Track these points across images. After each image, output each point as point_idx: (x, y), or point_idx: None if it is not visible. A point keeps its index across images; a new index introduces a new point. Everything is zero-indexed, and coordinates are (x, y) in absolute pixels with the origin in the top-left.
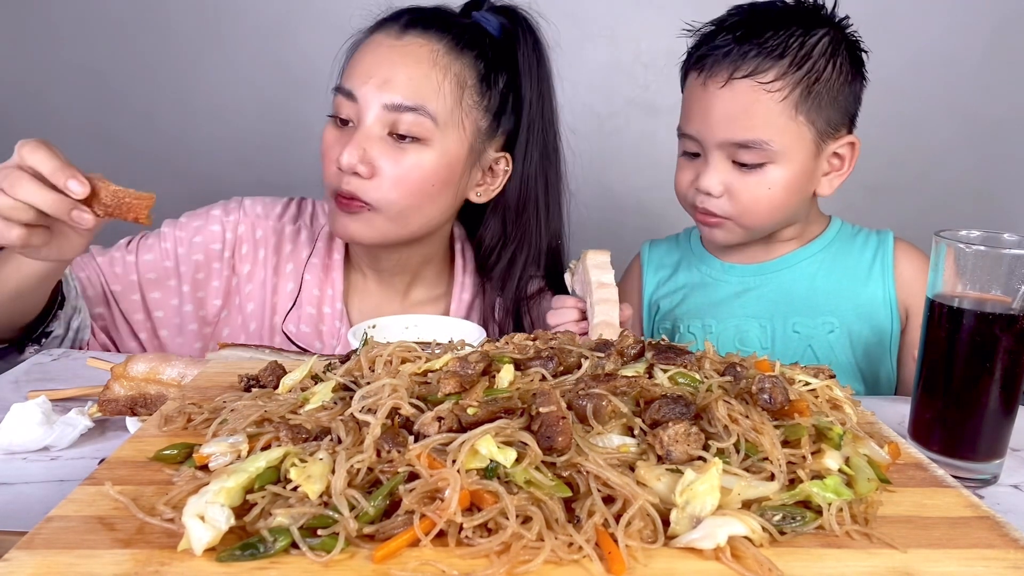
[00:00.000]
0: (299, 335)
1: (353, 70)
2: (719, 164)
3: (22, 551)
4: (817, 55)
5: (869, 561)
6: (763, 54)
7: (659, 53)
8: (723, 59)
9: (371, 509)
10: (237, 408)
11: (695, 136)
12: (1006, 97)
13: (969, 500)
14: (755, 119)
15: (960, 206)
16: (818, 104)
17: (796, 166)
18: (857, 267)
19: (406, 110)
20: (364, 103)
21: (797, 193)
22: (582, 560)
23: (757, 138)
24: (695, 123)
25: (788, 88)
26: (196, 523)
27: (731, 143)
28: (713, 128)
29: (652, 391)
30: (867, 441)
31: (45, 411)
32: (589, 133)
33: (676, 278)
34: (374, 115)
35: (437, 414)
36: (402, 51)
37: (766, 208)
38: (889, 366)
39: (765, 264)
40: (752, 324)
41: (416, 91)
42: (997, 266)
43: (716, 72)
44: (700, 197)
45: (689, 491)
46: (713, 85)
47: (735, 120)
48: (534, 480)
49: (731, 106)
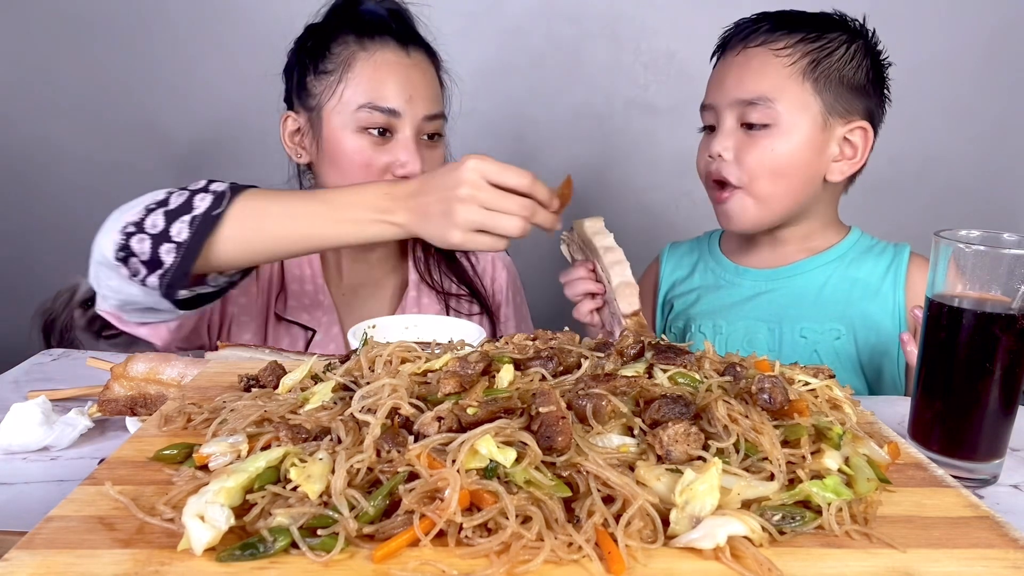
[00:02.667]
0: (288, 310)
1: (385, 88)
2: (728, 126)
3: (22, 551)
4: (833, 41)
5: (869, 561)
6: (778, 29)
7: (659, 53)
8: (741, 35)
9: (371, 509)
10: (237, 408)
11: (710, 104)
12: (1006, 97)
13: (969, 500)
14: (763, 79)
15: (960, 206)
16: (826, 76)
17: (801, 134)
18: (869, 278)
19: (435, 117)
20: (407, 117)
21: (804, 167)
22: (582, 560)
23: (763, 94)
24: (711, 93)
25: (797, 55)
26: (196, 523)
27: (739, 101)
28: (725, 90)
29: (652, 391)
30: (867, 441)
31: (45, 411)
32: (589, 133)
33: (692, 279)
34: (413, 124)
35: (437, 414)
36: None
37: (771, 174)
38: (895, 374)
39: (779, 269)
40: (761, 327)
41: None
42: (997, 266)
43: (733, 45)
44: (713, 164)
45: (689, 491)
46: (730, 55)
47: (744, 79)
48: (534, 480)
49: (742, 69)
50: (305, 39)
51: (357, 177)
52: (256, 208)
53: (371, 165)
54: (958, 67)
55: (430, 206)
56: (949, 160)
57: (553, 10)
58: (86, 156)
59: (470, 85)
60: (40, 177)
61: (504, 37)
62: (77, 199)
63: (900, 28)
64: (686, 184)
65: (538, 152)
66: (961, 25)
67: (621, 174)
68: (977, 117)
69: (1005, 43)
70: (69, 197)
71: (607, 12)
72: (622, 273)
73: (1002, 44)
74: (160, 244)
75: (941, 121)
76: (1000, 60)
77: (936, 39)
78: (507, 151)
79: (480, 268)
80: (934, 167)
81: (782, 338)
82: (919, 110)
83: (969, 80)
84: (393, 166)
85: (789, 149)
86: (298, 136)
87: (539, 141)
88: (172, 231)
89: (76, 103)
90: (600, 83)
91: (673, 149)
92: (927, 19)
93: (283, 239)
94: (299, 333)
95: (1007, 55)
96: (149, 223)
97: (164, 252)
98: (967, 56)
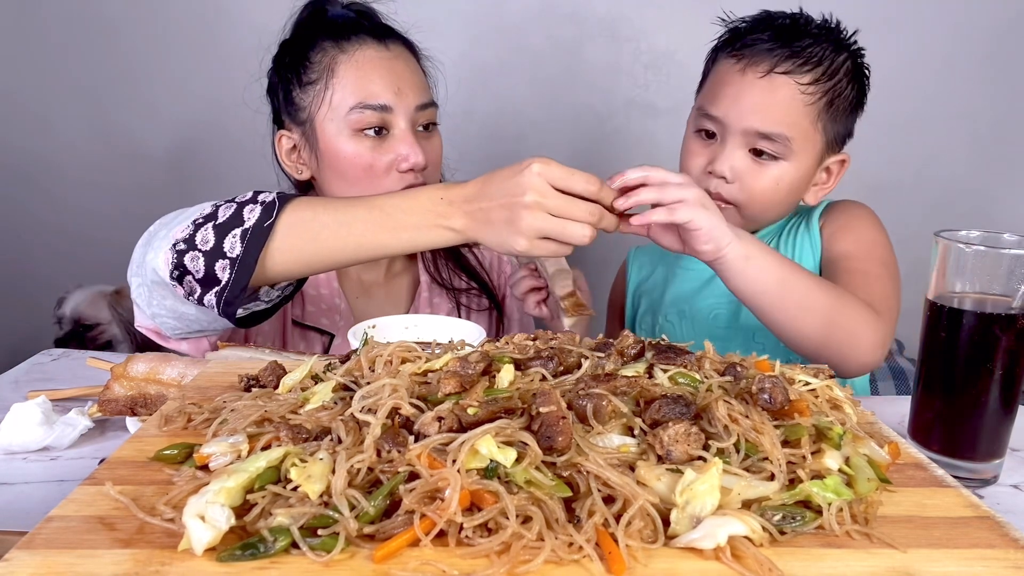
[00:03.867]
0: (305, 315)
1: (372, 85)
2: (737, 150)
3: (22, 551)
4: (842, 73)
5: (869, 561)
6: (803, 58)
7: (659, 53)
8: (767, 52)
9: (371, 509)
10: (237, 408)
11: (720, 118)
12: (1006, 97)
13: (969, 500)
14: (785, 115)
15: (960, 206)
16: (833, 118)
17: (802, 169)
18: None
19: (427, 106)
20: (399, 110)
21: (795, 195)
22: (582, 560)
23: (782, 132)
24: (723, 105)
25: (818, 95)
26: (196, 523)
27: (756, 131)
28: (742, 114)
29: (652, 391)
30: (867, 441)
31: (45, 411)
32: (589, 133)
33: (655, 275)
34: (407, 116)
35: (437, 414)
36: (396, 60)
37: (769, 202)
38: None
39: None
40: (722, 304)
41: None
42: (997, 266)
43: (758, 62)
44: (714, 182)
45: (689, 491)
46: (752, 73)
47: (766, 111)
48: (534, 480)
49: (766, 97)
50: (282, 56)
51: (361, 182)
52: (307, 218)
53: (373, 167)
54: (958, 67)
55: (492, 212)
56: (949, 160)
57: (553, 10)
58: (86, 154)
59: (470, 85)
60: (41, 177)
61: (504, 37)
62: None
63: (900, 28)
64: None
65: (538, 152)
66: (961, 25)
67: None
68: (977, 117)
69: (1005, 43)
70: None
71: (607, 12)
72: (555, 263)
73: (1002, 44)
74: (215, 261)
75: (941, 121)
76: (1000, 60)
77: (936, 39)
78: (507, 151)
79: (487, 262)
80: (934, 167)
81: (739, 309)
82: (919, 110)
83: (969, 80)
84: (396, 163)
85: (790, 180)
86: (295, 153)
87: (539, 141)
88: (225, 246)
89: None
90: (600, 83)
91: (673, 149)
92: (927, 19)
93: (338, 249)
94: (316, 339)
95: (1007, 55)
96: (200, 239)
97: (219, 269)
98: (967, 56)
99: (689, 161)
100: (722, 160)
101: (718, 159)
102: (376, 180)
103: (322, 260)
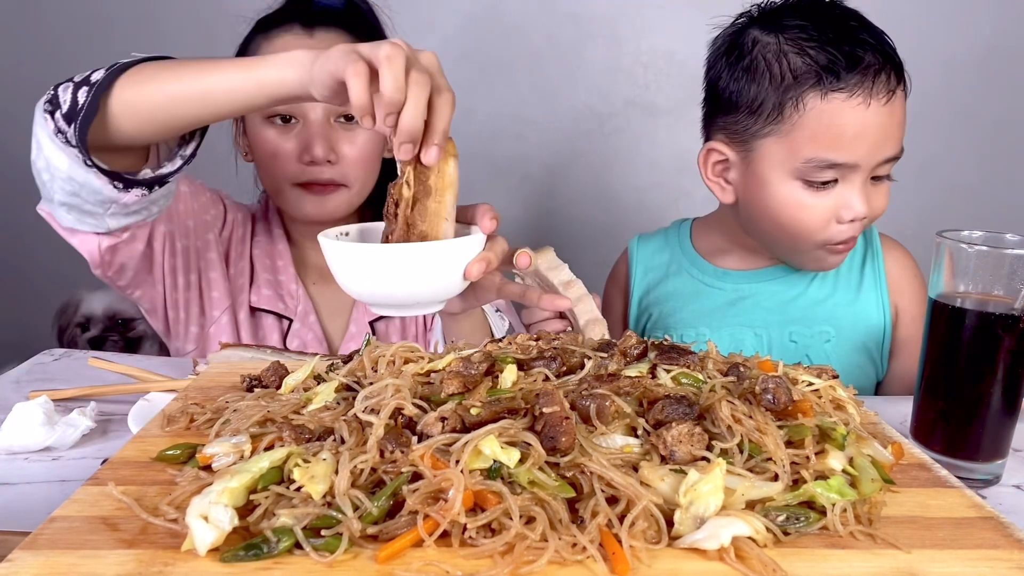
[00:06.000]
0: (262, 300)
1: None
2: (865, 185)
3: (25, 551)
4: None
5: (873, 562)
6: (891, 61)
7: (659, 53)
8: (877, 74)
9: (375, 509)
10: (240, 408)
11: (852, 163)
12: (1006, 97)
13: (973, 500)
14: (902, 129)
15: (960, 206)
16: None
17: None
18: (850, 274)
19: None
20: None
21: None
22: (586, 561)
23: (902, 147)
24: (852, 149)
25: None
26: (200, 523)
27: (884, 160)
28: (874, 150)
29: (655, 391)
30: (871, 441)
31: (47, 411)
32: (589, 133)
33: (667, 283)
34: (321, 108)
35: (440, 414)
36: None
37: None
38: (878, 365)
39: (760, 271)
40: (747, 333)
41: None
42: (999, 266)
43: (878, 89)
44: (846, 227)
45: (693, 492)
46: (876, 103)
47: (893, 135)
48: (538, 480)
49: (890, 121)
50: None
51: (271, 168)
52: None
53: (277, 154)
54: (958, 67)
55: None
56: (949, 160)
57: (553, 10)
58: None
59: (470, 85)
60: None
61: (504, 37)
62: None
63: (901, 28)
64: (686, 184)
65: (538, 152)
66: (961, 25)
67: (621, 174)
68: (977, 117)
69: (1005, 43)
70: None
71: (607, 12)
72: (589, 311)
73: (1002, 44)
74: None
75: (941, 121)
76: (1000, 60)
77: (936, 39)
78: (507, 151)
79: None
80: (934, 167)
81: (771, 343)
82: (919, 110)
83: (969, 80)
84: (298, 152)
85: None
86: (241, 137)
87: (539, 141)
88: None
89: None
90: (600, 83)
91: (673, 149)
92: (928, 19)
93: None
94: (274, 324)
95: (1007, 55)
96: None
97: (80, 94)
98: (967, 56)
99: (805, 216)
100: (857, 203)
101: (849, 204)
102: (280, 167)
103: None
